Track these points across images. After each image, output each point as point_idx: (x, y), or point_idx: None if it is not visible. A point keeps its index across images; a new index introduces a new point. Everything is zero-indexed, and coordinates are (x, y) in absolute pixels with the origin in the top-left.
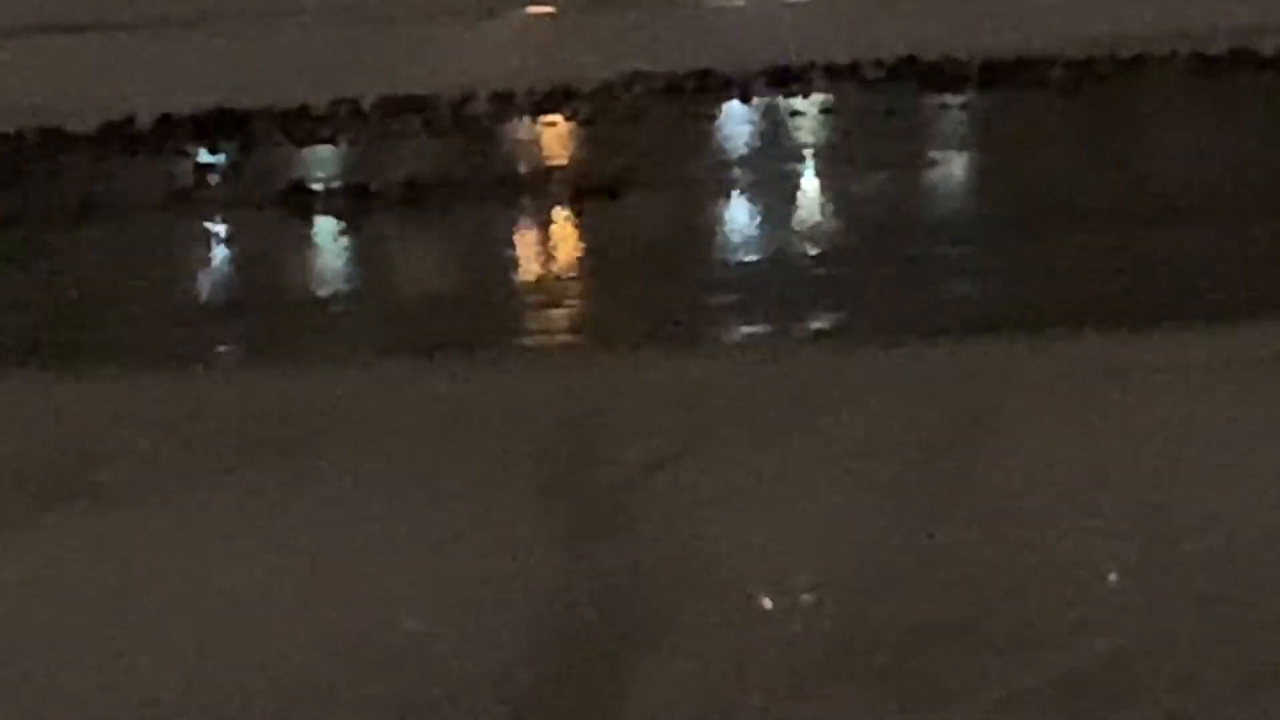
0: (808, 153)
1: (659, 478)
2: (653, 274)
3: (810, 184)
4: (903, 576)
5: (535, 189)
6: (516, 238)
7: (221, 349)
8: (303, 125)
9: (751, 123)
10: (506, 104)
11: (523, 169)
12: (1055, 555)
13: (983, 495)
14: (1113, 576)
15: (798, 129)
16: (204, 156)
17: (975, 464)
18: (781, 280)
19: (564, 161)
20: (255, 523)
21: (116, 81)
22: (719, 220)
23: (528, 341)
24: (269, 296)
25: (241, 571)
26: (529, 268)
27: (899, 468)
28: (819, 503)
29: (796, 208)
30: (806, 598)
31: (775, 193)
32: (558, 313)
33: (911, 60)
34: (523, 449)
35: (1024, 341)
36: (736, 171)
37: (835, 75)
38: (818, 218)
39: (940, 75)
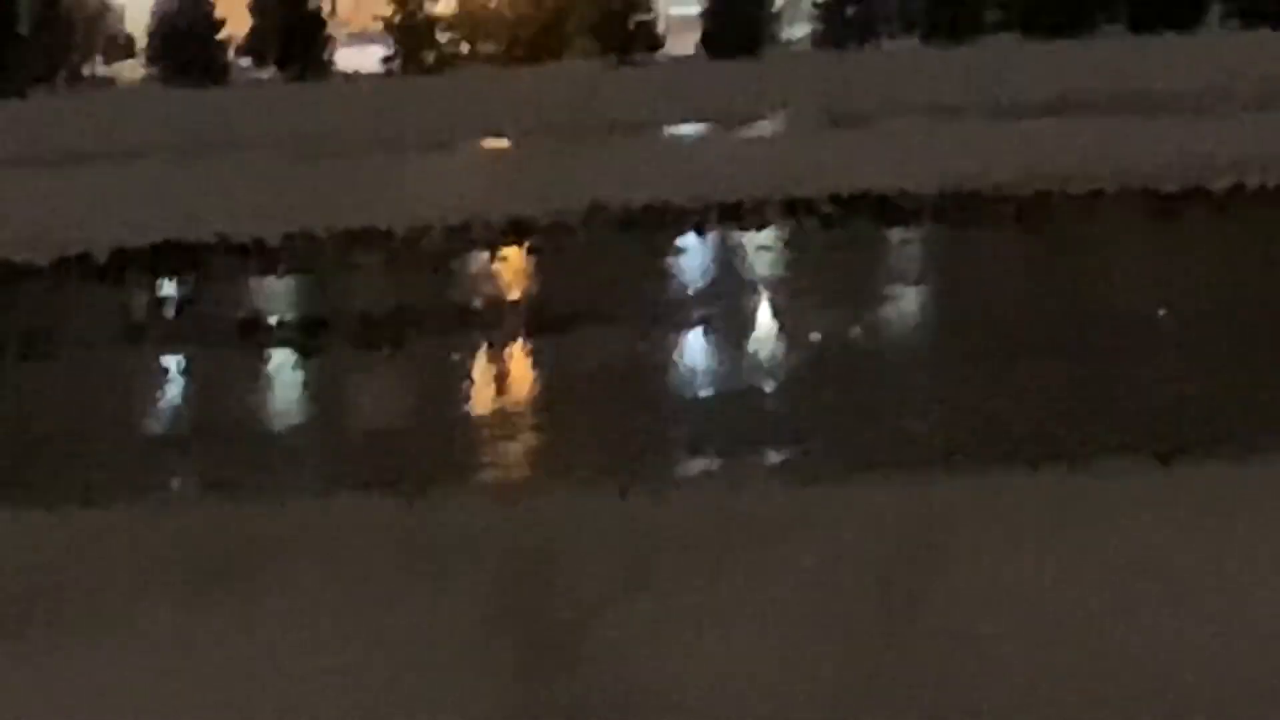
0: (763, 286)
1: (611, 612)
2: (607, 408)
3: (765, 317)
4: (856, 710)
5: (490, 322)
6: (471, 371)
7: (176, 481)
8: (257, 258)
9: (707, 256)
10: (462, 237)
11: (478, 302)
12: (1007, 688)
13: (936, 629)
14: (1064, 708)
15: (753, 262)
16: (159, 290)
17: (928, 597)
18: (736, 414)
19: (519, 295)
20: (207, 654)
21: (72, 215)
22: (673, 354)
23: (481, 475)
24: (223, 429)
25: (193, 702)
26: (483, 401)
27: (852, 602)
28: (772, 637)
29: (751, 341)
30: None
31: (730, 326)
32: (511, 446)
33: (866, 195)
34: (474, 582)
35: (979, 475)
36: (691, 305)
37: (791, 209)
38: (772, 351)
39: (896, 209)
